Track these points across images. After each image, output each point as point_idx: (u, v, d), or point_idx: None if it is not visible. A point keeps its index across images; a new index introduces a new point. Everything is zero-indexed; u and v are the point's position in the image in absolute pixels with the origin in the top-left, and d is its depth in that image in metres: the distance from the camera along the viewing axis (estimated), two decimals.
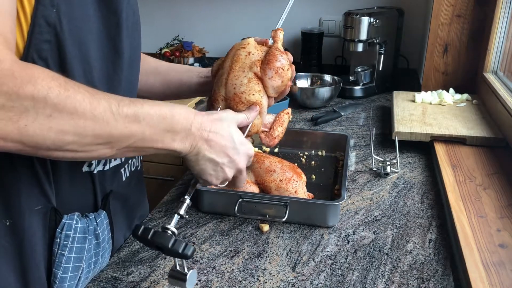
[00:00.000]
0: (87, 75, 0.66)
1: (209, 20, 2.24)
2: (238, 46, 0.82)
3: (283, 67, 0.80)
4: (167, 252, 0.66)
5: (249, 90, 0.78)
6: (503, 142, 1.20)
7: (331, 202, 0.92)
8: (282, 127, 0.86)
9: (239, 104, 0.78)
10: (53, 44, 0.60)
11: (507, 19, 1.44)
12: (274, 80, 0.80)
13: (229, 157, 0.70)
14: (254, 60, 0.80)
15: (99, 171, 0.75)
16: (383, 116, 1.59)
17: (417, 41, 2.05)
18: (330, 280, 0.78)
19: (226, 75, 0.79)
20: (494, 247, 0.80)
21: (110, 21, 0.69)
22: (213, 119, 0.69)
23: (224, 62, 0.82)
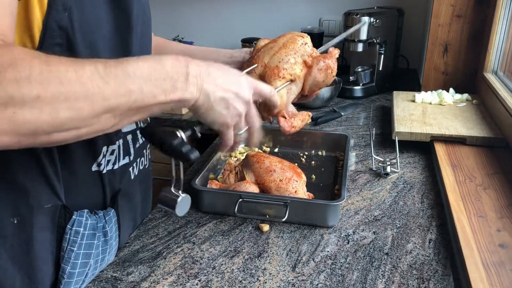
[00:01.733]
0: None
1: (209, 20, 2.24)
2: (296, 34, 0.85)
3: (333, 69, 0.84)
4: (169, 150, 0.63)
5: (292, 69, 0.81)
6: (503, 142, 1.20)
7: (331, 202, 0.92)
8: (301, 122, 0.87)
9: (275, 76, 0.80)
10: (64, 46, 0.60)
11: (507, 19, 1.44)
12: (320, 74, 0.83)
13: (233, 91, 0.65)
14: (307, 51, 0.83)
15: (108, 170, 0.76)
16: (383, 116, 1.59)
17: (417, 41, 2.05)
18: (330, 280, 0.78)
19: (277, 48, 0.82)
20: (494, 247, 0.80)
21: (121, 21, 0.70)
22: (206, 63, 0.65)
23: (277, 39, 0.85)
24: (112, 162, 0.77)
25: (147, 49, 0.83)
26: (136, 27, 0.73)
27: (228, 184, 1.03)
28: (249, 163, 1.03)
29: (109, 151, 0.75)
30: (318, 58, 0.83)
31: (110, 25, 0.68)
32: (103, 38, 0.67)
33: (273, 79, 0.80)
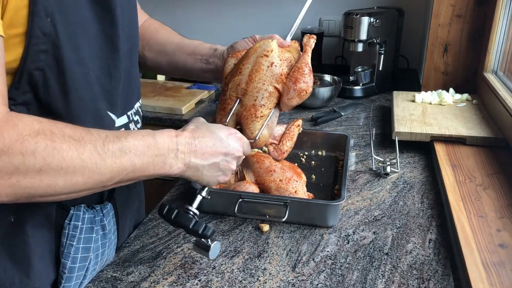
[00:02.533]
0: (86, 77, 0.67)
1: (209, 20, 2.24)
2: (260, 52, 0.78)
3: (307, 90, 0.79)
4: (188, 231, 0.71)
5: (269, 103, 0.78)
6: (503, 142, 1.20)
7: (331, 202, 0.92)
8: (292, 141, 0.85)
9: (253, 117, 0.77)
10: (50, 53, 0.60)
11: (507, 19, 1.44)
12: (293, 101, 0.79)
13: (222, 153, 0.72)
14: (276, 73, 0.78)
15: None
16: (383, 116, 1.59)
17: (417, 41, 2.05)
18: (330, 280, 0.78)
19: (245, 84, 0.78)
20: (494, 247, 0.80)
21: (105, 20, 0.70)
22: (192, 130, 0.71)
23: (242, 64, 0.79)
24: None
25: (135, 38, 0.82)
26: (121, 21, 0.73)
27: (228, 184, 1.03)
28: (249, 163, 1.03)
29: None
30: (288, 87, 0.78)
31: (95, 25, 0.68)
32: (88, 40, 0.67)
33: (251, 121, 0.78)
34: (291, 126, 0.86)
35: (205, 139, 0.70)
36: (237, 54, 0.85)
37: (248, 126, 0.78)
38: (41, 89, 0.61)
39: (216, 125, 0.74)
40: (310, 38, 0.83)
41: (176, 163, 0.67)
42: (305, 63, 0.79)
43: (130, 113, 0.82)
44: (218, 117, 0.81)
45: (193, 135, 0.70)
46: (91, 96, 0.69)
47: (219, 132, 0.72)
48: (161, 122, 1.67)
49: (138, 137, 0.63)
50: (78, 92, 0.66)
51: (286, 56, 0.79)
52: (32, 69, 0.59)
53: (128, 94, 0.81)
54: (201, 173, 0.71)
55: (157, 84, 1.96)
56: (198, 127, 0.72)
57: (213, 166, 0.71)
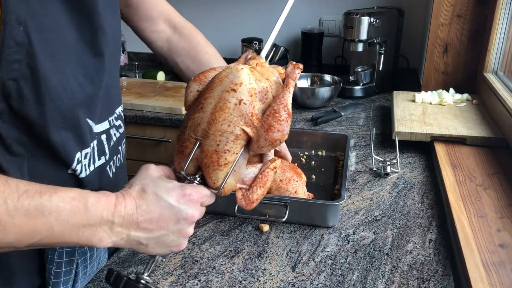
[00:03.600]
0: (64, 85, 0.63)
1: (209, 20, 2.24)
2: (227, 85, 0.63)
3: (282, 138, 0.65)
4: None
5: (235, 148, 0.63)
6: (503, 142, 1.20)
7: (331, 202, 0.92)
8: (264, 188, 0.70)
9: (215, 165, 0.64)
10: (24, 62, 0.57)
11: (507, 19, 1.44)
12: (264, 149, 0.65)
13: (172, 222, 0.61)
14: (246, 113, 0.62)
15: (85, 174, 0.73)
16: (383, 116, 1.59)
17: (417, 41, 2.05)
18: (330, 280, 0.78)
19: (206, 124, 0.63)
20: (494, 247, 0.80)
21: (83, 26, 0.66)
22: (136, 194, 0.60)
23: (204, 98, 0.64)
24: (87, 165, 0.73)
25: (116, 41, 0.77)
26: (102, 24, 0.68)
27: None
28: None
29: (82, 155, 0.71)
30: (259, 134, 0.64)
31: (73, 31, 0.64)
32: (66, 47, 0.63)
33: (212, 170, 0.64)
34: (265, 169, 0.71)
35: (150, 207, 0.60)
36: (200, 77, 0.70)
37: (210, 175, 0.65)
38: (15, 99, 0.57)
39: (166, 185, 0.62)
40: (295, 67, 0.67)
41: (109, 237, 0.57)
42: (283, 104, 0.64)
43: (111, 118, 0.78)
44: (177, 160, 0.67)
45: (136, 202, 0.59)
46: (69, 104, 0.65)
47: (168, 197, 0.61)
48: (161, 122, 1.67)
49: (65, 199, 0.54)
50: (55, 101, 0.62)
51: (260, 87, 0.64)
52: (5, 79, 0.55)
53: (110, 98, 0.77)
54: (145, 246, 0.61)
55: (157, 84, 1.96)
56: (144, 190, 0.61)
57: (160, 238, 0.61)
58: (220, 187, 0.66)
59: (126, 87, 1.90)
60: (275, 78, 0.67)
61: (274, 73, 0.68)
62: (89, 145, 0.72)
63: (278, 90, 0.67)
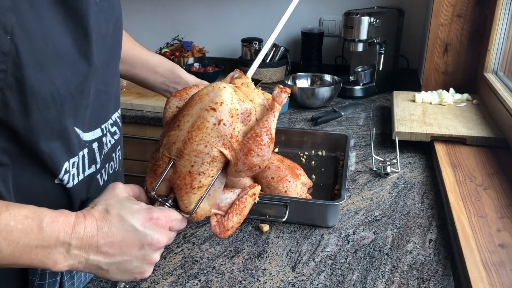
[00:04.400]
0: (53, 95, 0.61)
1: (209, 20, 2.24)
2: (207, 103, 0.59)
3: (262, 164, 0.61)
4: None
5: (210, 170, 0.59)
6: (503, 142, 1.20)
7: (331, 202, 0.92)
8: (240, 216, 0.65)
9: (188, 187, 0.60)
10: (9, 72, 0.54)
11: (507, 19, 1.44)
12: (242, 174, 0.62)
13: (136, 247, 0.57)
14: (225, 134, 0.58)
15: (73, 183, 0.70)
16: (383, 116, 1.58)
17: (417, 41, 2.05)
18: (330, 280, 0.78)
19: (181, 143, 0.59)
20: (494, 247, 0.80)
21: (78, 33, 0.63)
22: (99, 215, 0.56)
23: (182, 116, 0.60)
24: (76, 174, 0.70)
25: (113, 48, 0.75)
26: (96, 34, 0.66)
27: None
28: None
29: (70, 165, 0.68)
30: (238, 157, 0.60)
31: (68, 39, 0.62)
32: (58, 57, 0.60)
33: (185, 192, 0.60)
34: (243, 195, 0.66)
35: (112, 230, 0.55)
36: (181, 93, 0.66)
37: (182, 198, 0.61)
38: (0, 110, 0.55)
39: (132, 206, 0.58)
40: (282, 91, 0.62)
41: (65, 260, 0.53)
42: (266, 128, 0.59)
43: (105, 125, 0.75)
44: (149, 180, 0.63)
45: (98, 224, 0.55)
46: (57, 114, 0.62)
47: (132, 220, 0.57)
48: (161, 122, 1.66)
49: (18, 217, 0.50)
50: (42, 112, 0.59)
51: (243, 108, 0.60)
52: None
53: (102, 106, 0.74)
54: (106, 271, 0.57)
55: None
56: (107, 210, 0.57)
57: (122, 263, 0.57)
58: (192, 212, 0.61)
59: (126, 87, 1.90)
60: (260, 100, 0.64)
61: (260, 95, 0.65)
62: (77, 154, 0.69)
63: (262, 113, 0.63)
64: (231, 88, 0.60)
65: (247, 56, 2.07)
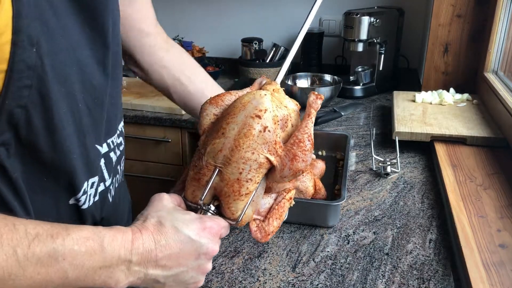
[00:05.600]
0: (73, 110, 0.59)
1: (209, 20, 2.24)
2: (251, 111, 0.59)
3: (305, 169, 0.62)
4: None
5: (257, 177, 0.60)
6: (503, 142, 1.20)
7: (331, 202, 0.92)
8: (280, 220, 0.66)
9: (236, 195, 0.60)
10: (34, 88, 0.51)
11: (507, 19, 1.44)
12: (286, 179, 0.62)
13: (192, 258, 0.57)
14: (270, 141, 0.59)
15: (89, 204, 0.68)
16: (383, 116, 1.58)
17: (417, 41, 2.05)
18: (330, 280, 0.78)
19: (229, 151, 0.59)
20: (494, 247, 0.80)
21: (96, 43, 0.61)
22: (154, 228, 0.55)
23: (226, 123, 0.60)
24: (93, 195, 0.68)
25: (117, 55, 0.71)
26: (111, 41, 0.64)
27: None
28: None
29: (89, 185, 0.66)
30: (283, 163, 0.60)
31: (86, 50, 0.60)
32: (79, 69, 0.59)
33: (233, 199, 0.60)
34: (281, 200, 0.67)
35: (169, 242, 0.55)
36: (217, 100, 0.66)
37: (229, 205, 0.61)
38: (23, 128, 0.53)
39: (184, 217, 0.57)
40: (318, 98, 0.66)
41: (126, 278, 0.52)
42: (307, 134, 0.62)
43: (111, 140, 0.72)
44: (191, 188, 0.62)
45: (154, 237, 0.54)
46: (79, 131, 0.61)
47: (188, 231, 0.56)
48: (161, 122, 1.67)
49: (80, 241, 0.49)
50: (66, 129, 0.58)
51: (281, 115, 0.61)
52: (13, 106, 0.50)
53: (112, 118, 0.71)
54: (162, 284, 0.56)
55: None
56: (161, 223, 0.56)
57: (179, 275, 0.57)
58: (238, 218, 0.61)
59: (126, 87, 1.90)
60: (292, 106, 0.65)
61: (290, 101, 0.65)
62: (97, 173, 0.67)
63: (296, 119, 0.65)
64: (270, 95, 0.61)
65: (247, 56, 2.07)
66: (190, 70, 0.95)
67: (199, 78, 0.95)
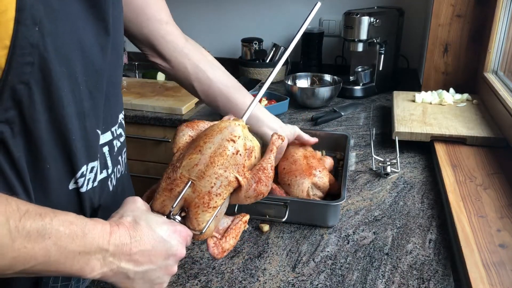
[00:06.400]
0: (74, 92, 0.61)
1: (209, 20, 2.24)
2: (227, 135, 0.67)
3: (265, 193, 0.70)
4: None
5: (225, 193, 0.66)
6: (503, 142, 1.20)
7: (331, 202, 0.92)
8: (235, 240, 0.72)
9: (205, 207, 0.65)
10: (36, 65, 0.54)
11: (507, 19, 1.44)
12: (249, 200, 0.70)
13: (162, 257, 0.60)
14: (239, 163, 0.67)
15: (88, 189, 0.70)
16: (383, 116, 1.58)
17: (417, 41, 2.05)
18: (330, 280, 0.78)
19: (203, 166, 0.64)
20: (494, 247, 0.80)
21: (99, 29, 0.64)
22: (129, 225, 0.58)
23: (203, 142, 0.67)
24: (92, 180, 0.70)
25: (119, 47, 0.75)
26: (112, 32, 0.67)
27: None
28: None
29: (89, 169, 0.68)
30: (249, 184, 0.67)
31: (90, 35, 0.62)
32: (82, 52, 0.61)
33: (201, 210, 0.65)
34: (238, 222, 0.74)
35: (143, 239, 0.57)
36: (193, 124, 0.75)
37: (197, 215, 0.65)
38: (27, 107, 0.55)
39: (157, 219, 0.61)
40: (280, 138, 0.76)
41: (100, 267, 0.54)
42: (271, 164, 0.71)
43: (114, 128, 0.75)
44: (161, 198, 0.66)
45: (130, 233, 0.57)
46: (79, 112, 0.63)
47: (161, 231, 0.59)
48: (161, 122, 1.67)
49: (65, 223, 0.51)
50: (66, 109, 0.60)
51: (249, 145, 0.69)
52: (16, 82, 0.53)
53: (112, 106, 0.74)
54: (131, 281, 0.58)
55: (157, 84, 1.95)
56: (136, 221, 0.59)
57: (148, 272, 0.59)
58: (203, 229, 0.66)
59: (126, 87, 1.90)
60: (256, 142, 0.72)
61: (254, 138, 0.72)
62: (97, 158, 0.69)
63: (258, 153, 0.72)
64: (242, 126, 0.69)
65: (247, 56, 2.07)
66: (209, 60, 0.99)
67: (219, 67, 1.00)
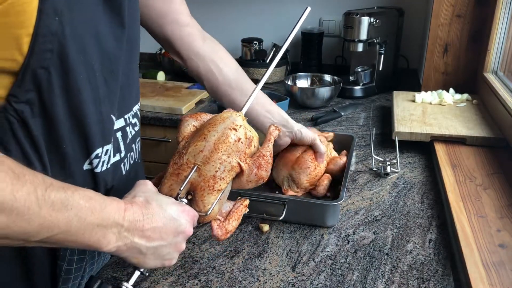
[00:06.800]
0: (91, 79, 0.66)
1: (209, 20, 2.24)
2: (229, 124, 0.73)
3: (265, 178, 0.75)
4: None
5: (229, 177, 0.71)
6: (503, 142, 1.20)
7: (331, 202, 0.92)
8: (237, 222, 0.77)
9: (210, 189, 0.70)
10: (55, 52, 0.59)
11: (507, 19, 1.44)
12: (250, 184, 0.75)
13: (172, 234, 0.64)
14: (241, 150, 0.72)
15: (102, 170, 0.74)
16: (383, 116, 1.59)
17: (417, 41, 2.05)
18: (330, 280, 0.78)
19: (208, 152, 0.70)
20: (494, 247, 0.80)
21: (115, 21, 0.69)
22: (141, 204, 0.62)
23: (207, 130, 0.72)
24: (107, 162, 0.75)
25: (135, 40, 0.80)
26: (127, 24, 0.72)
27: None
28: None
29: (104, 152, 0.73)
30: (250, 169, 0.73)
31: (106, 27, 0.67)
32: (98, 41, 0.66)
33: (207, 193, 0.70)
34: (239, 205, 0.78)
35: (155, 217, 0.62)
36: (196, 116, 0.80)
37: (203, 198, 0.70)
38: (45, 89, 0.60)
39: (167, 199, 0.66)
40: (276, 129, 0.82)
41: (116, 241, 0.58)
42: (269, 151, 0.77)
43: (128, 116, 0.80)
44: (169, 182, 0.71)
45: (143, 211, 0.61)
46: (95, 98, 0.67)
47: (171, 210, 0.64)
48: (161, 122, 1.67)
49: (85, 197, 0.55)
50: (82, 94, 0.64)
51: (248, 135, 0.75)
52: (37, 67, 0.58)
53: (126, 96, 0.79)
54: (143, 256, 0.62)
55: (157, 84, 1.95)
56: (147, 200, 0.63)
57: (159, 248, 0.63)
58: (208, 211, 0.70)
59: None
60: (255, 133, 0.77)
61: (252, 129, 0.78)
62: (111, 141, 0.74)
63: (257, 143, 0.78)
64: (241, 118, 0.75)
65: (247, 56, 2.07)
66: (222, 61, 1.05)
67: (229, 69, 1.05)
